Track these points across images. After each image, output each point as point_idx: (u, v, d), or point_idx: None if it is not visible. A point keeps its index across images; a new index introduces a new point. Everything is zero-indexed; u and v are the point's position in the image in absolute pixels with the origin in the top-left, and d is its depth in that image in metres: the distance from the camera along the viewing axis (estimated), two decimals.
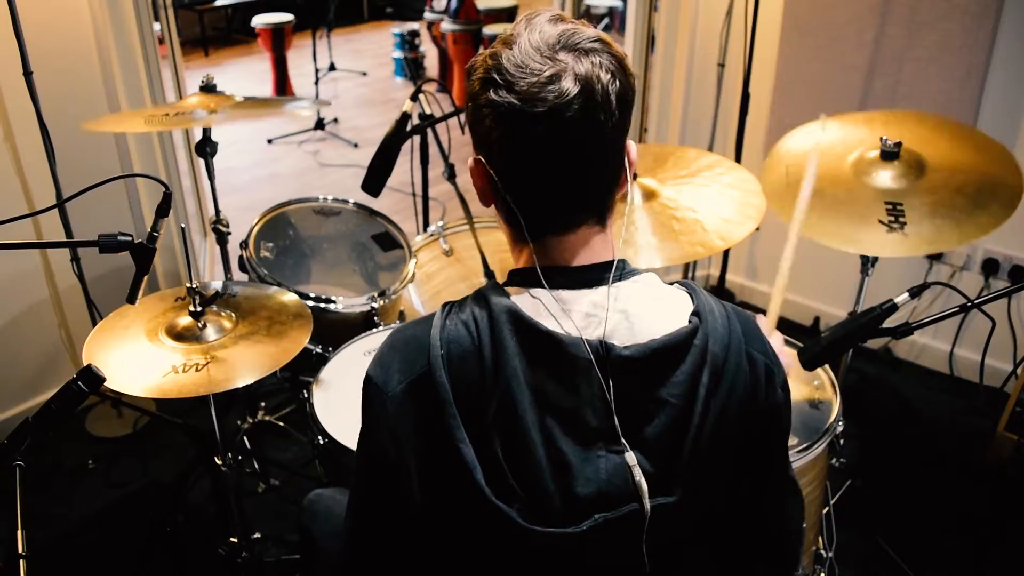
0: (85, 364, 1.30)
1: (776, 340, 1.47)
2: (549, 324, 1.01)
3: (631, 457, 1.01)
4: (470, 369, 1.00)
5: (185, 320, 1.88)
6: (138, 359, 1.79)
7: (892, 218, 1.99)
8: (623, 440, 1.01)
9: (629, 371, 1.00)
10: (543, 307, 1.03)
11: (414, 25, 7.46)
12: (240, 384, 1.75)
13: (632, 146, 1.08)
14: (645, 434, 1.02)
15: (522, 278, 1.07)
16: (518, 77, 0.97)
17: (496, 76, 0.98)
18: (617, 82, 1.00)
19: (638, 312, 1.04)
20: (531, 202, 1.05)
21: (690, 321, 1.04)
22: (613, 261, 1.07)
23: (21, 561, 1.17)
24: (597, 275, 1.05)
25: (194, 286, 1.87)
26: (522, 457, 0.99)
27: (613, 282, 1.05)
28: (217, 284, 2.00)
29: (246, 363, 1.80)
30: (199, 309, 1.87)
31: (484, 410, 0.99)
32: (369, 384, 1.07)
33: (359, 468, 1.13)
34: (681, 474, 1.02)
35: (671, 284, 1.12)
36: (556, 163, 1.00)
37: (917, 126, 2.17)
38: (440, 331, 1.02)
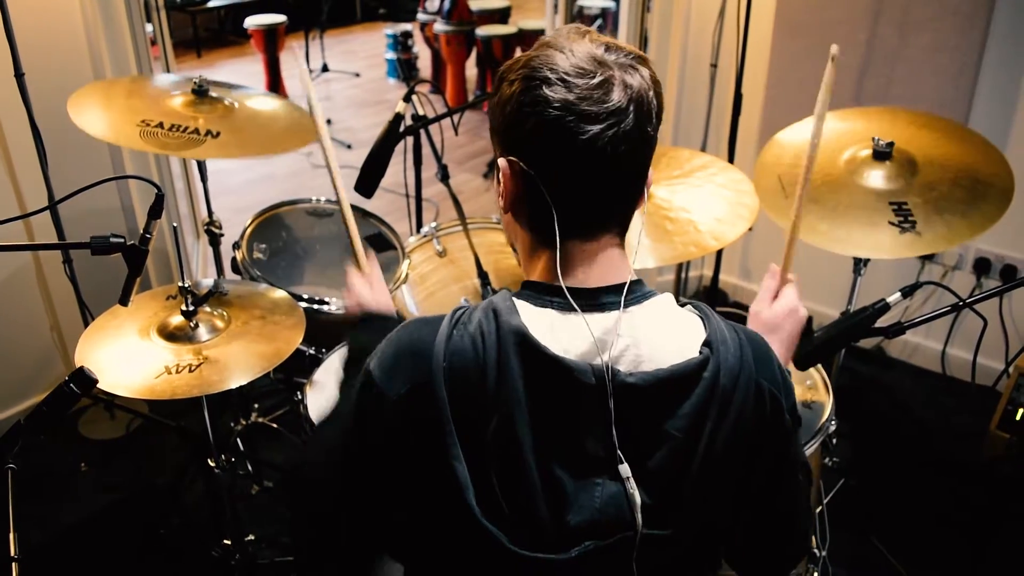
0: (77, 366, 1.29)
1: (792, 293, 1.45)
2: (556, 347, 0.99)
3: (625, 469, 0.99)
4: (471, 386, 0.97)
5: (177, 320, 1.88)
6: (131, 360, 1.78)
7: (901, 218, 1.98)
8: (620, 456, 0.99)
9: (634, 400, 0.99)
10: (553, 329, 1.01)
11: (407, 26, 7.46)
12: (233, 385, 1.74)
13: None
14: (646, 466, 1.00)
15: (538, 292, 1.05)
16: (575, 75, 0.97)
17: (548, 74, 0.98)
18: (656, 99, 1.02)
19: (648, 339, 1.02)
20: (566, 203, 1.03)
21: (700, 351, 1.02)
22: (631, 285, 1.05)
23: (13, 564, 1.16)
24: (611, 297, 1.03)
25: (186, 285, 1.86)
26: (516, 481, 0.98)
27: (627, 306, 1.03)
28: (209, 283, 1.99)
29: (239, 364, 1.80)
30: (191, 308, 1.87)
31: (482, 430, 0.97)
32: (370, 381, 1.03)
33: (339, 434, 1.11)
34: (679, 508, 1.02)
35: (684, 306, 1.10)
36: (600, 167, 1.00)
37: (906, 124, 2.17)
38: (445, 342, 0.99)
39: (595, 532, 1.00)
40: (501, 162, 1.06)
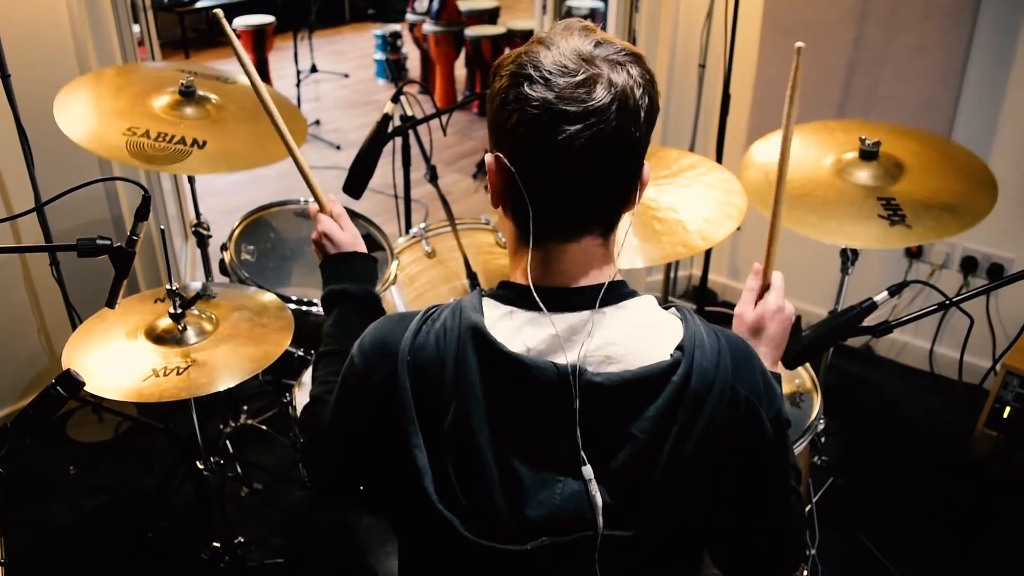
0: (64, 369, 1.29)
1: (775, 293, 1.41)
2: (520, 346, 1.01)
3: (588, 471, 1.00)
4: (432, 379, 1.01)
5: (165, 322, 1.87)
6: (118, 363, 1.77)
7: (891, 212, 1.99)
8: (583, 457, 1.00)
9: (599, 399, 0.99)
10: (521, 327, 1.02)
11: (396, 27, 7.45)
12: (221, 388, 1.73)
13: (647, 167, 1.08)
14: (609, 466, 1.00)
15: (510, 292, 1.06)
16: (556, 74, 0.96)
17: (531, 71, 0.97)
18: (647, 98, 1.00)
19: (620, 340, 1.02)
20: (544, 202, 1.02)
21: (672, 354, 1.01)
22: (607, 283, 1.04)
23: (0, 567, 1.16)
24: (587, 298, 1.03)
25: (174, 288, 1.85)
26: (472, 472, 1.00)
27: (604, 306, 1.03)
28: (197, 285, 1.98)
29: (227, 366, 1.79)
30: (179, 311, 1.86)
31: (441, 421, 1.01)
32: (353, 363, 1.11)
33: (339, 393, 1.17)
34: (641, 510, 1.01)
35: (667, 308, 1.10)
36: (579, 166, 0.99)
37: (885, 134, 2.19)
38: (412, 337, 1.04)
39: (553, 528, 1.00)
40: (488, 156, 1.06)
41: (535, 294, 1.02)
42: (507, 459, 1.00)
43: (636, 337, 1.03)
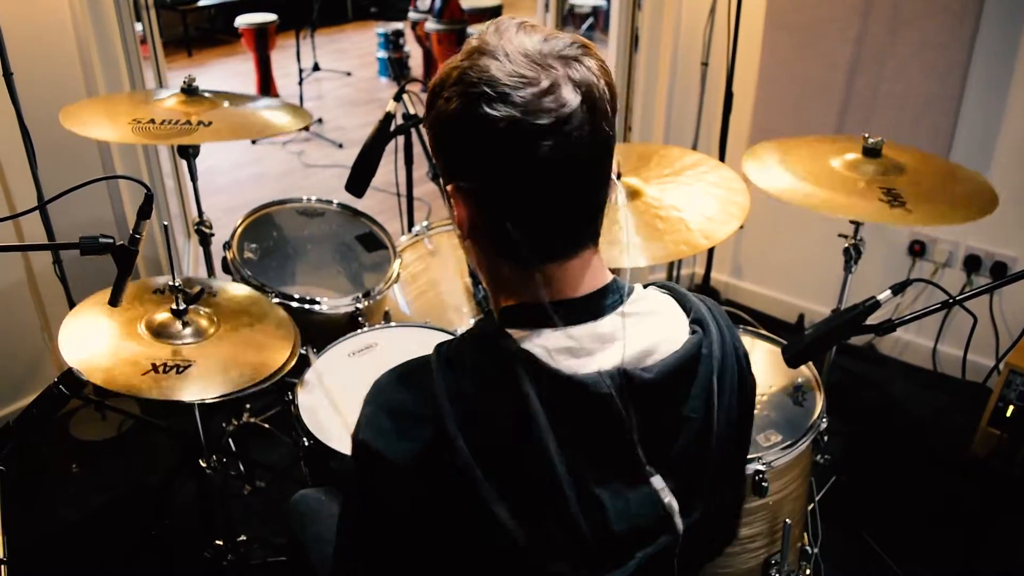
0: (67, 367, 1.29)
1: None
2: (563, 366, 0.94)
3: (658, 481, 1.00)
4: (487, 426, 0.91)
5: (163, 316, 1.87)
6: (116, 355, 1.77)
7: (891, 198, 2.01)
8: (649, 467, 1.00)
9: (652, 395, 0.97)
10: (553, 347, 0.95)
11: (398, 25, 7.44)
12: (216, 395, 1.73)
13: (616, 161, 1.02)
14: (671, 454, 1.01)
15: (521, 317, 0.98)
16: (514, 87, 0.87)
17: (487, 89, 0.87)
18: (607, 88, 0.93)
19: (641, 333, 1.00)
20: (535, 228, 0.94)
21: (692, 331, 1.03)
22: (611, 285, 1.00)
23: (3, 566, 1.16)
24: (599, 303, 0.98)
25: (177, 284, 1.85)
26: (556, 509, 0.93)
27: (616, 305, 0.99)
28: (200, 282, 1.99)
29: (226, 370, 1.79)
30: (182, 307, 1.86)
31: (511, 468, 0.91)
32: (367, 453, 0.94)
33: (360, 520, 1.03)
34: (704, 487, 1.04)
35: (646, 287, 1.08)
36: (565, 181, 0.92)
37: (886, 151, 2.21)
38: (446, 387, 0.92)
39: (637, 537, 1.00)
40: (449, 188, 0.96)
41: (552, 312, 0.96)
42: (583, 484, 0.94)
43: (653, 324, 1.02)
